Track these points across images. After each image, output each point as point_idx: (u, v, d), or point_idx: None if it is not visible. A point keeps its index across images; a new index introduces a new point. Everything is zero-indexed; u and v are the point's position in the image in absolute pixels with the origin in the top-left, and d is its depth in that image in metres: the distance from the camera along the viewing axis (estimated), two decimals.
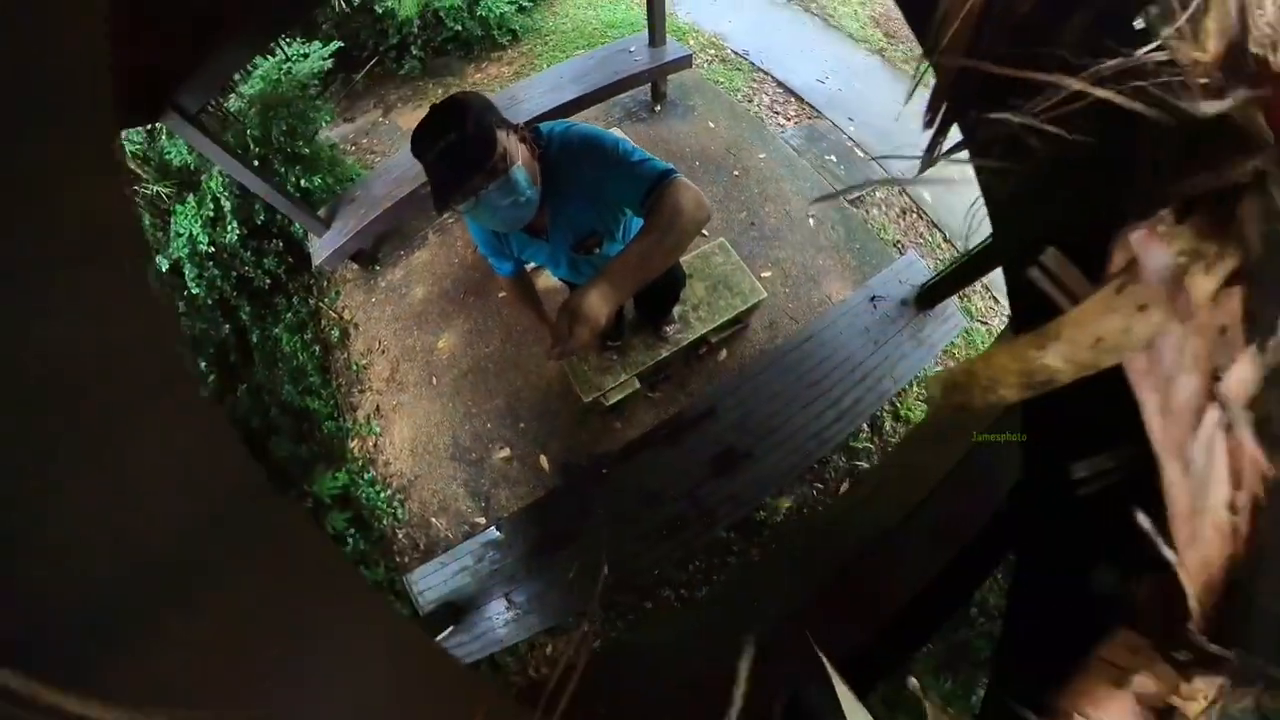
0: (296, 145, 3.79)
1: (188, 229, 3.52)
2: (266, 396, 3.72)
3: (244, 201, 3.64)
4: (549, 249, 1.37)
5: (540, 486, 3.06)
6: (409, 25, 4.83)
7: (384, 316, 3.74)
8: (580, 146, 1.16)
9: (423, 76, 5.06)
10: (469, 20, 4.94)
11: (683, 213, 1.00)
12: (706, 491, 2.45)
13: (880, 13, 5.93)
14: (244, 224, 3.61)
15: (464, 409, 3.32)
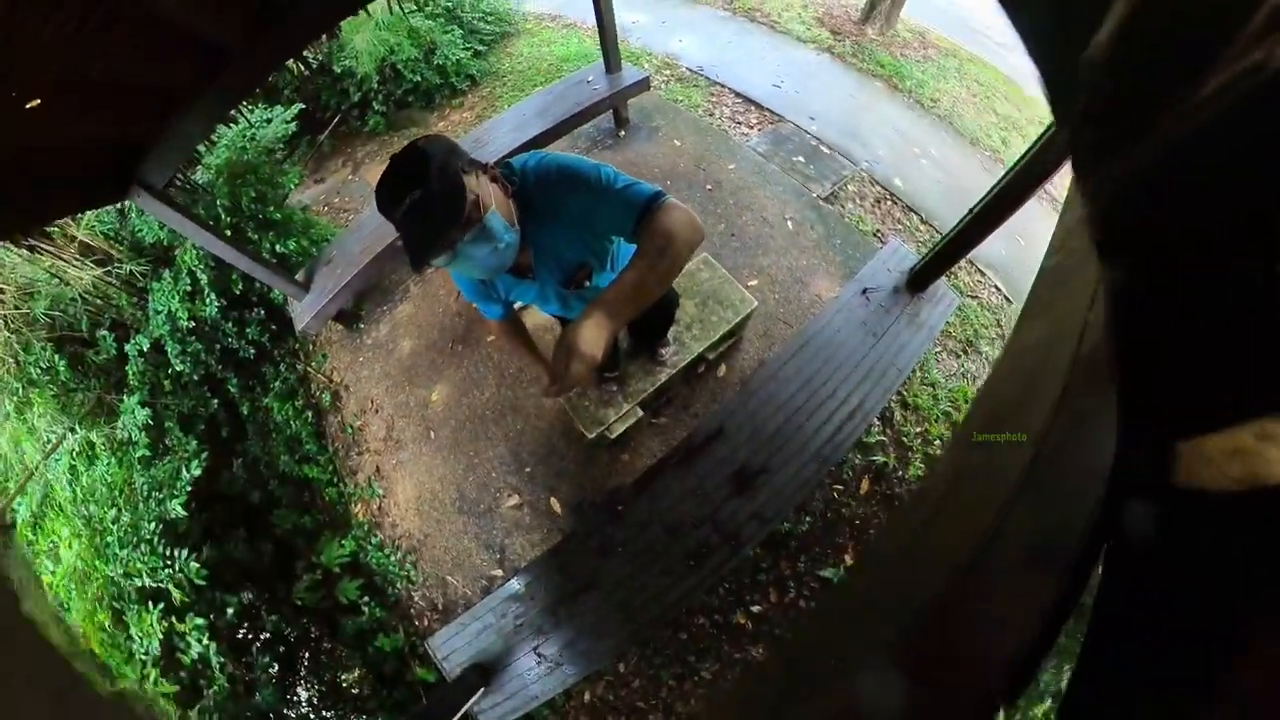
0: (267, 211, 3.70)
1: (166, 305, 3.40)
2: (264, 469, 3.57)
3: (220, 273, 3.53)
4: (537, 287, 1.29)
5: (555, 530, 2.92)
6: (369, 81, 4.80)
7: (373, 375, 3.61)
8: (558, 177, 1.08)
9: (387, 131, 5.03)
10: (427, 70, 4.93)
11: (676, 237, 0.95)
12: (728, 514, 2.33)
13: (823, 11, 6.00)
14: (222, 295, 3.50)
15: (466, 460, 3.18)
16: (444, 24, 5.06)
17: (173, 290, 3.44)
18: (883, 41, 5.51)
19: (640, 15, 5.90)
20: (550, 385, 0.90)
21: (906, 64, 5.30)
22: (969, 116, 5.04)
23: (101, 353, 3.45)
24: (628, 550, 2.32)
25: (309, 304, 3.39)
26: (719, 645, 2.74)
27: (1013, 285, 4.09)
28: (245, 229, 3.56)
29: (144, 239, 3.67)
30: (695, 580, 2.29)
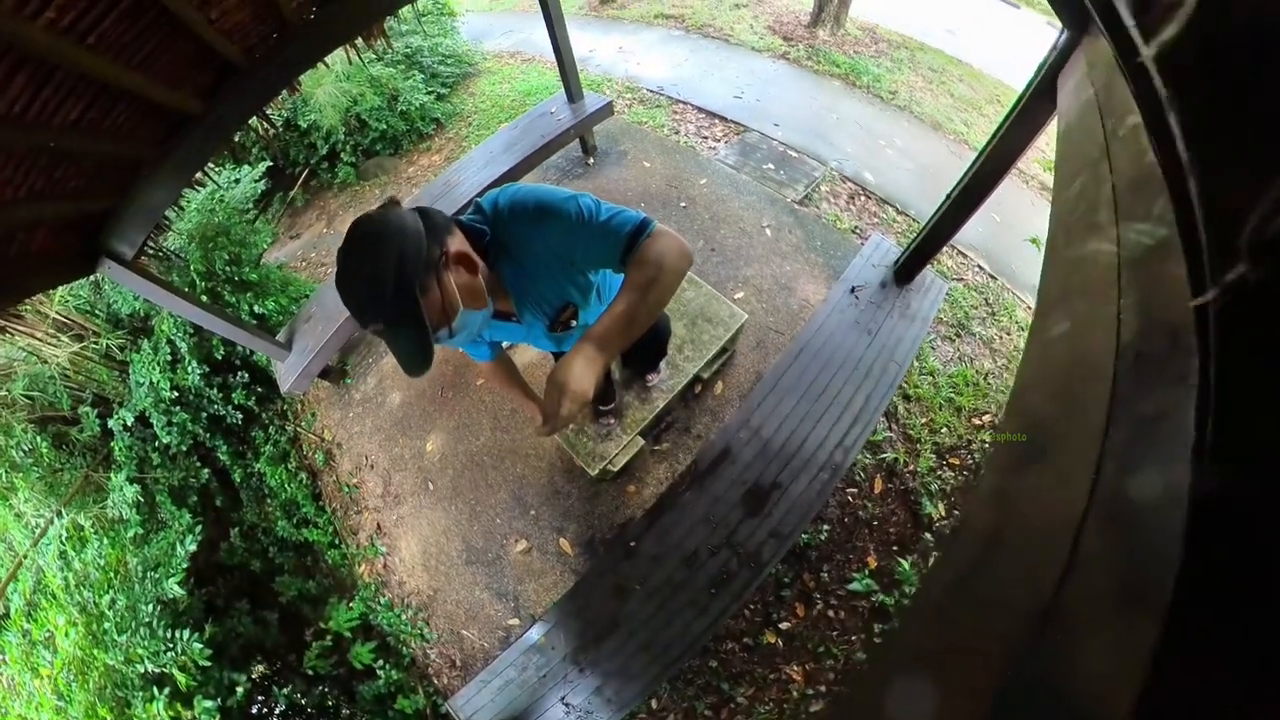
0: (243, 272, 3.60)
1: (147, 377, 3.26)
2: (262, 536, 3.42)
3: (200, 339, 3.40)
4: (523, 329, 1.22)
5: (568, 572, 2.78)
6: (335, 134, 4.75)
7: (365, 430, 3.48)
8: (534, 215, 0.98)
9: (358, 181, 4.95)
10: (391, 117, 4.88)
11: (666, 267, 0.90)
12: (744, 535, 2.21)
13: (773, 19, 6.06)
14: (204, 362, 3.36)
15: (468, 509, 3.04)
16: (404, 70, 5.04)
17: (153, 361, 3.30)
18: (834, 42, 5.57)
19: (597, 43, 5.93)
20: (543, 425, 0.85)
21: (861, 61, 5.34)
22: (928, 103, 5.07)
23: (85, 430, 3.30)
24: (646, 587, 2.19)
25: (292, 364, 3.27)
26: (752, 668, 2.60)
27: (995, 263, 4.06)
28: (221, 292, 3.45)
29: (120, 311, 3.54)
30: (720, 608, 2.17)
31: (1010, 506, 0.70)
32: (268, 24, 2.16)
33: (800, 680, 2.54)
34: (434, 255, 0.85)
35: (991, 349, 3.69)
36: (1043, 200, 4.61)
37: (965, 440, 3.23)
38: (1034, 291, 4.21)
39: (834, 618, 2.68)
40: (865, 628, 2.66)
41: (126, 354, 3.48)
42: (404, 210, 0.87)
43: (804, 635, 2.64)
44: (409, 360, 0.86)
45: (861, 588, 2.69)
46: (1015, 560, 0.62)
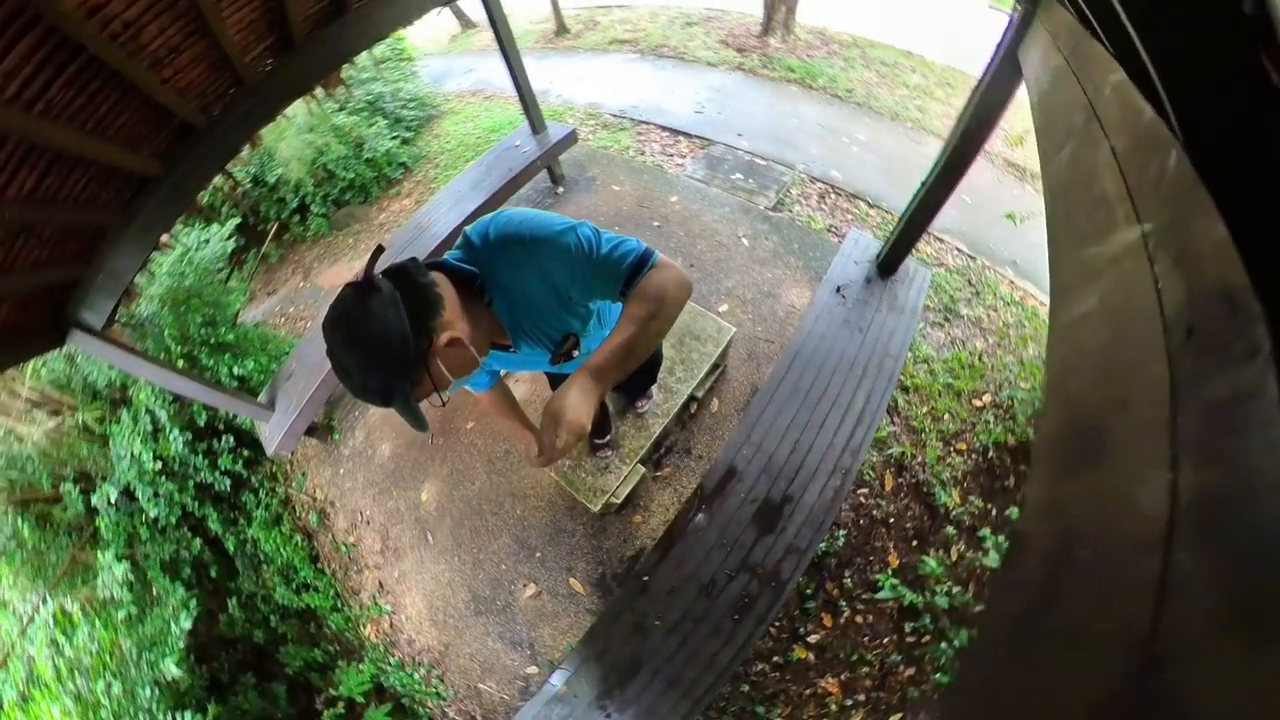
0: (219, 334, 3.46)
1: (129, 449, 3.10)
2: (262, 605, 3.22)
3: (180, 406, 3.24)
4: (519, 359, 1.14)
5: (583, 612, 2.62)
6: (304, 186, 4.67)
7: (357, 485, 3.32)
8: (528, 245, 0.91)
9: (330, 231, 4.85)
10: (358, 165, 4.82)
11: (666, 300, 0.87)
12: (761, 555, 2.08)
13: (725, 33, 6.11)
14: (186, 430, 3.21)
15: (471, 557, 2.88)
16: (367, 117, 4.98)
17: (133, 432, 3.14)
18: (787, 48, 5.62)
19: (556, 74, 5.93)
20: (538, 456, 0.83)
21: (814, 63, 5.39)
22: (884, 96, 5.11)
23: (68, 508, 3.12)
24: (666, 621, 2.04)
25: (277, 424, 3.12)
26: (785, 686, 2.46)
27: (972, 243, 4.04)
28: (199, 356, 3.31)
29: (96, 383, 3.38)
30: (745, 634, 2.02)
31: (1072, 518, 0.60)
32: (223, 81, 2.10)
33: (837, 692, 2.40)
34: (421, 349, 0.79)
35: (981, 328, 3.63)
36: (1010, 176, 4.62)
37: (969, 423, 3.15)
38: (1014, 266, 4.18)
39: (863, 623, 2.55)
40: (895, 629, 2.53)
41: (106, 426, 3.32)
42: (386, 293, 0.77)
43: (834, 645, 2.51)
44: (409, 423, 0.82)
45: (888, 589, 2.57)
46: (1092, 584, 0.51)
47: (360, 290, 0.77)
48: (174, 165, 2.06)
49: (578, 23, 6.92)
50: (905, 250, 2.97)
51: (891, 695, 2.35)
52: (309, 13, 2.26)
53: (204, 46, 1.87)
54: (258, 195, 4.61)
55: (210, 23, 1.78)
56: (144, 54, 1.67)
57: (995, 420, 3.12)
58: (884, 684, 2.39)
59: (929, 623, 2.45)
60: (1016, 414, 3.11)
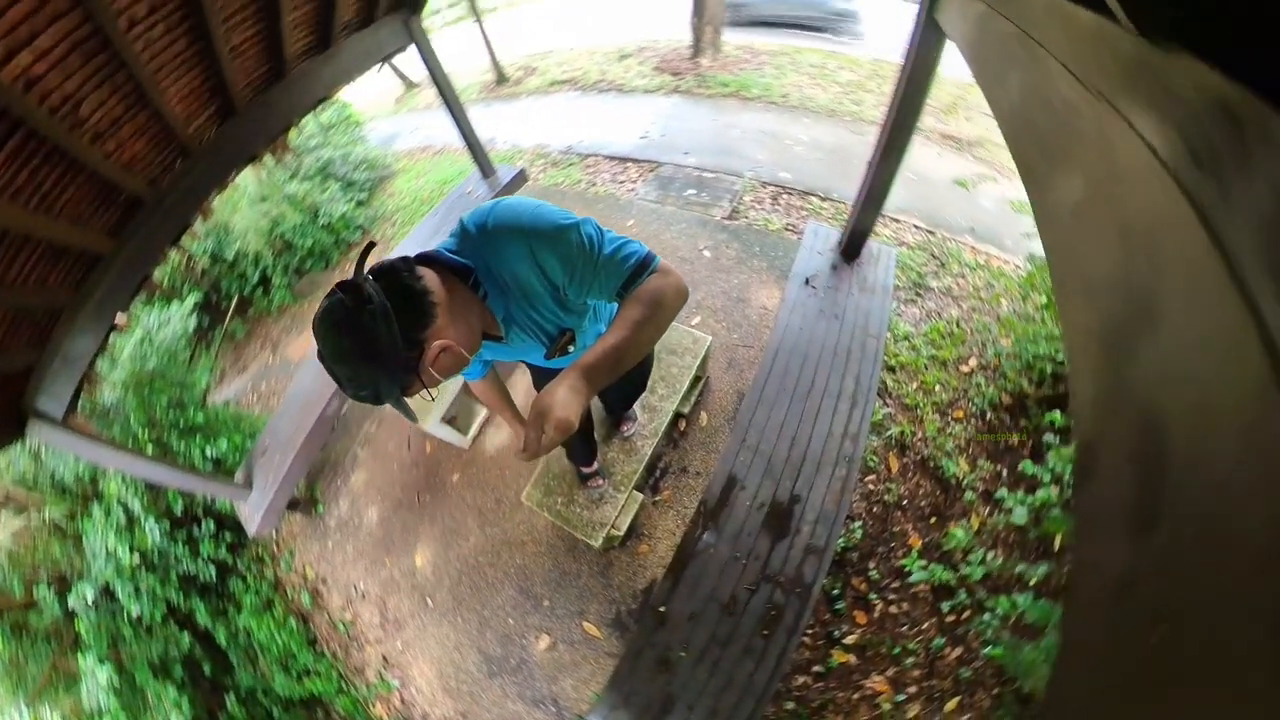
0: (188, 416, 3.25)
1: (103, 544, 2.86)
2: (263, 697, 2.92)
3: (154, 495, 3.00)
4: (511, 349, 1.10)
5: (602, 656, 2.40)
6: (264, 259, 4.53)
7: (348, 557, 3.07)
8: (526, 237, 0.86)
9: (295, 301, 4.68)
10: (316, 231, 4.69)
11: (662, 306, 0.85)
12: (778, 562, 1.92)
13: (658, 60, 6.18)
14: (163, 519, 2.96)
15: (476, 617, 2.65)
16: (320, 183, 4.88)
17: (106, 526, 2.90)
18: (718, 65, 5.73)
19: (501, 120, 5.95)
20: (523, 450, 0.79)
21: (746, 75, 5.49)
22: (819, 96, 5.20)
23: (44, 613, 2.85)
24: (691, 651, 1.85)
25: (256, 503, 2.88)
26: (831, 695, 2.25)
27: (927, 217, 4.03)
28: (169, 441, 3.09)
29: (63, 477, 3.12)
30: (778, 649, 1.83)
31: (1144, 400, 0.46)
32: (168, 152, 2.01)
33: (886, 690, 2.21)
34: (412, 359, 0.77)
35: (953, 297, 3.59)
36: (948, 150, 4.69)
37: (961, 390, 3.06)
38: (972, 233, 4.15)
39: (898, 613, 2.38)
40: (933, 611, 2.36)
41: (77, 523, 3.06)
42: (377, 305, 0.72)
43: (873, 642, 2.33)
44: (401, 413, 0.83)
45: (917, 572, 2.42)
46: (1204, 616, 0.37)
47: (350, 297, 0.72)
48: (124, 241, 1.95)
49: (516, 70, 7.02)
50: (865, 232, 2.93)
51: (944, 681, 2.17)
52: (249, 79, 2.21)
53: (145, 118, 1.80)
54: (218, 272, 4.44)
55: (150, 93, 1.71)
56: (85, 128, 1.61)
57: (986, 382, 3.04)
58: (933, 671, 2.21)
59: (966, 598, 2.29)
60: (1005, 370, 3.04)
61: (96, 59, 1.53)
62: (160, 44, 1.69)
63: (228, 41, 1.90)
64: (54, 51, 1.42)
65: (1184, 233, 0.36)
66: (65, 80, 1.48)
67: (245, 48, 2.07)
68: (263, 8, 1.98)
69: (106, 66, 1.56)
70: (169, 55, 1.74)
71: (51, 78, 1.44)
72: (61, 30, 1.40)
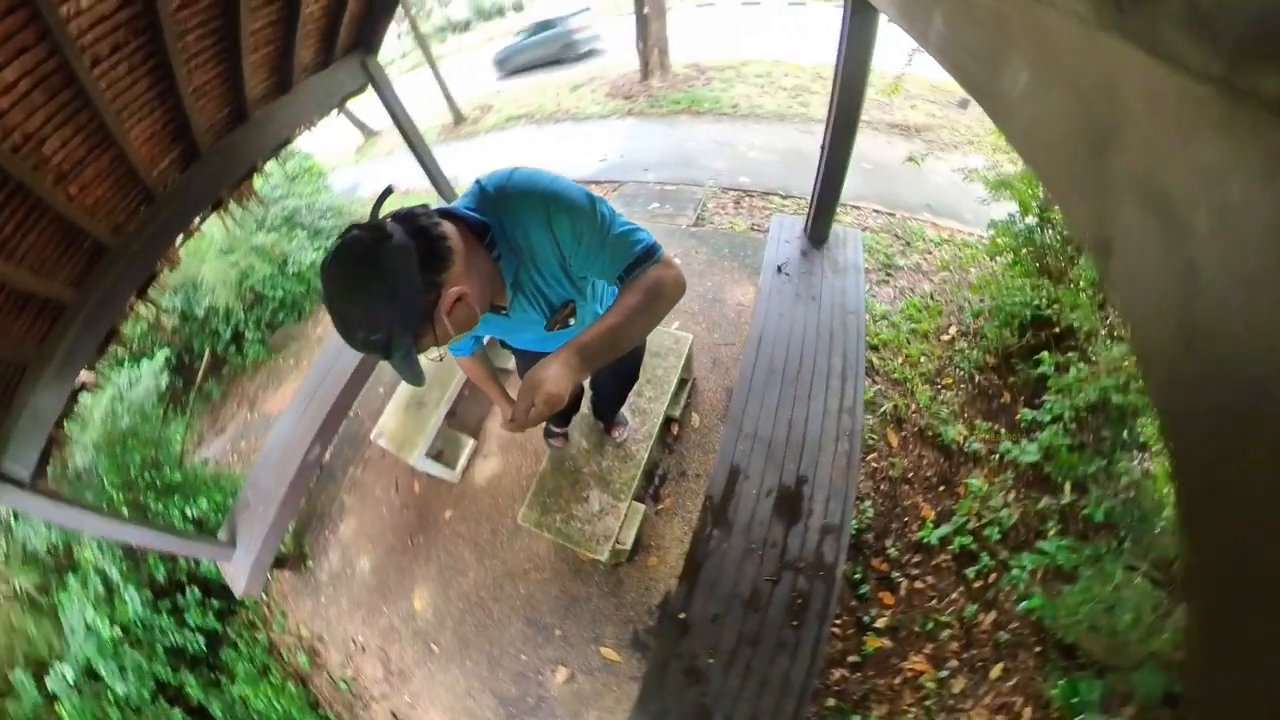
0: (164, 476, 3.00)
1: (81, 619, 2.58)
2: None
3: (134, 562, 2.73)
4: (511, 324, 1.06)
5: (625, 680, 2.20)
6: (234, 313, 4.33)
7: (343, 611, 2.82)
8: (545, 204, 0.85)
9: (269, 356, 4.46)
10: (286, 282, 4.51)
11: (661, 295, 0.84)
12: (796, 546, 1.79)
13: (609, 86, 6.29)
14: (145, 588, 2.69)
15: (486, 657, 2.42)
16: (286, 233, 4.74)
17: (84, 597, 2.63)
18: (668, 85, 5.85)
19: (463, 158, 5.94)
20: (510, 421, 0.79)
21: (696, 91, 5.60)
22: (766, 102, 5.32)
23: (22, 699, 2.56)
24: (720, 655, 1.69)
25: (241, 561, 2.63)
26: (872, 683, 2.08)
27: (887, 201, 4.08)
28: (146, 503, 2.85)
29: (35, 548, 2.83)
30: (811, 639, 1.67)
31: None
32: (132, 197, 1.91)
33: (927, 669, 2.06)
34: (429, 303, 0.74)
35: (922, 272, 3.60)
36: (896, 136, 4.80)
37: (946, 359, 3.02)
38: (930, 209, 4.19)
39: (924, 588, 2.25)
40: (958, 580, 2.24)
41: (53, 596, 2.78)
42: (398, 243, 0.70)
43: (905, 621, 2.19)
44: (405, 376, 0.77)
45: (936, 542, 2.30)
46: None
47: (371, 235, 0.69)
48: (89, 291, 1.83)
49: (473, 109, 7.07)
50: (829, 217, 2.91)
51: (983, 649, 2.04)
52: (212, 121, 2.14)
53: (109, 160, 1.71)
54: (188, 331, 4.22)
55: (114, 133, 1.63)
56: (48, 167, 1.50)
57: (969, 346, 3.00)
58: (971, 640, 2.08)
59: (989, 560, 2.18)
60: (985, 332, 3.01)
61: (60, 96, 1.44)
62: (123, 83, 1.62)
63: (190, 82, 1.83)
64: (17, 86, 1.33)
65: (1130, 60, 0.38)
66: (28, 117, 1.39)
67: (208, 89, 2.00)
68: (224, 49, 1.92)
69: (70, 104, 1.47)
70: (132, 95, 1.67)
71: (14, 114, 1.35)
72: (26, 65, 1.31)
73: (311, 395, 2.92)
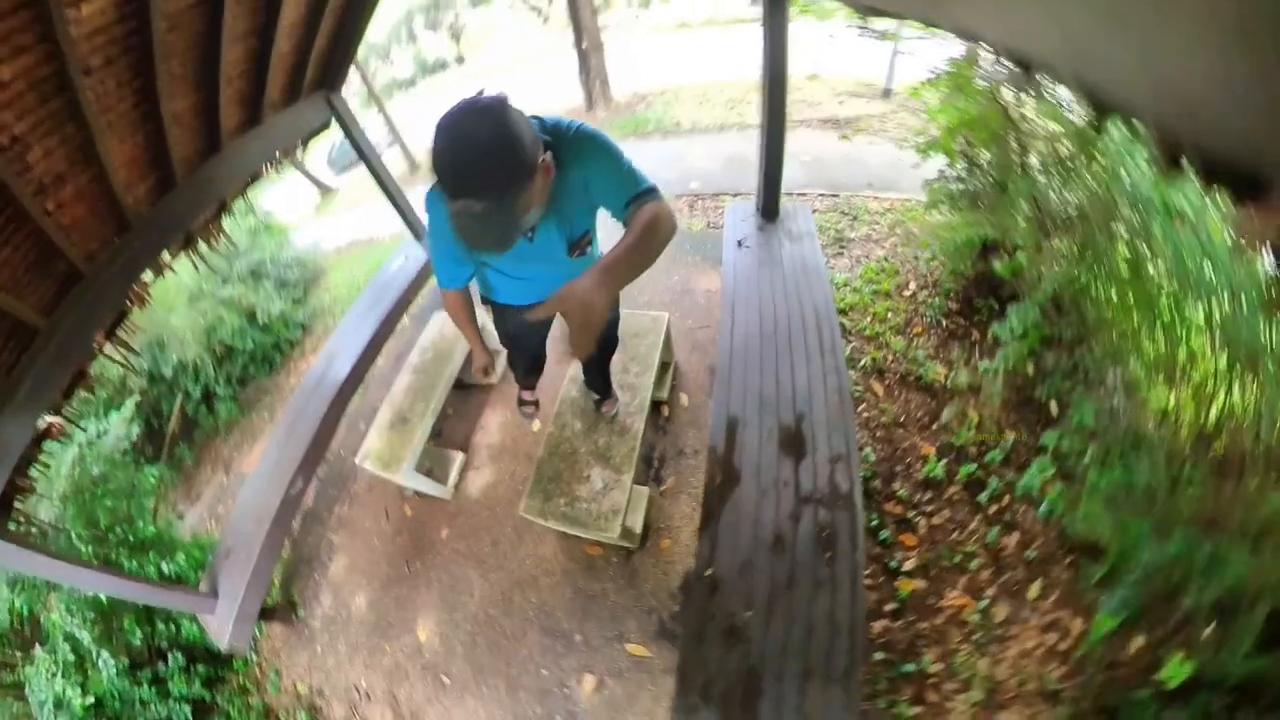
0: (137, 531, 2.66)
1: (50, 692, 2.20)
2: None
3: (107, 626, 2.36)
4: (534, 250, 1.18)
5: (659, 674, 1.95)
6: (204, 370, 4.01)
7: (342, 657, 2.48)
8: (594, 146, 1.02)
9: (242, 414, 4.14)
10: (255, 333, 4.26)
11: (663, 225, 0.94)
12: (808, 480, 1.65)
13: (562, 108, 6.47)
14: (121, 655, 2.32)
15: (503, 678, 2.15)
16: (254, 284, 4.51)
17: (52, 668, 2.25)
18: (611, 114, 6.01)
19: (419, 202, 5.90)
20: (575, 340, 0.79)
21: (640, 115, 5.76)
22: (705, 118, 5.50)
23: None
24: (757, 606, 1.50)
25: (225, 611, 2.29)
26: (916, 628, 1.94)
27: (829, 185, 4.21)
28: (118, 560, 2.52)
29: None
30: (848, 571, 1.50)
31: None
32: (107, 223, 1.85)
33: (966, 602, 1.94)
34: (537, 155, 0.85)
35: (873, 240, 3.67)
36: (829, 131, 5.01)
37: (911, 310, 3.03)
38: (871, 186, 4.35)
39: (943, 522, 2.15)
40: (973, 508, 2.16)
41: (18, 673, 2.39)
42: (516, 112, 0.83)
43: (932, 560, 2.07)
44: (489, 240, 0.87)
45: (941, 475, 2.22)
46: None
47: (497, 98, 0.80)
48: (60, 319, 1.72)
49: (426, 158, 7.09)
50: (776, 190, 2.97)
51: (1015, 570, 1.94)
52: (188, 151, 2.11)
53: (89, 179, 1.66)
54: (156, 393, 3.87)
55: (98, 148, 1.57)
56: (31, 175, 1.44)
57: (930, 295, 3.04)
58: (1000, 564, 1.98)
59: (997, 484, 2.11)
60: (942, 279, 3.05)
61: (51, 103, 1.39)
62: (111, 98, 1.58)
63: (171, 105, 1.81)
64: (12, 85, 1.28)
65: None
66: (19, 119, 1.34)
67: (185, 118, 1.99)
68: (205, 77, 1.93)
69: (60, 113, 1.43)
70: (118, 113, 1.64)
71: (5, 114, 1.30)
72: (23, 66, 1.27)
73: (290, 430, 2.70)
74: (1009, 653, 1.84)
